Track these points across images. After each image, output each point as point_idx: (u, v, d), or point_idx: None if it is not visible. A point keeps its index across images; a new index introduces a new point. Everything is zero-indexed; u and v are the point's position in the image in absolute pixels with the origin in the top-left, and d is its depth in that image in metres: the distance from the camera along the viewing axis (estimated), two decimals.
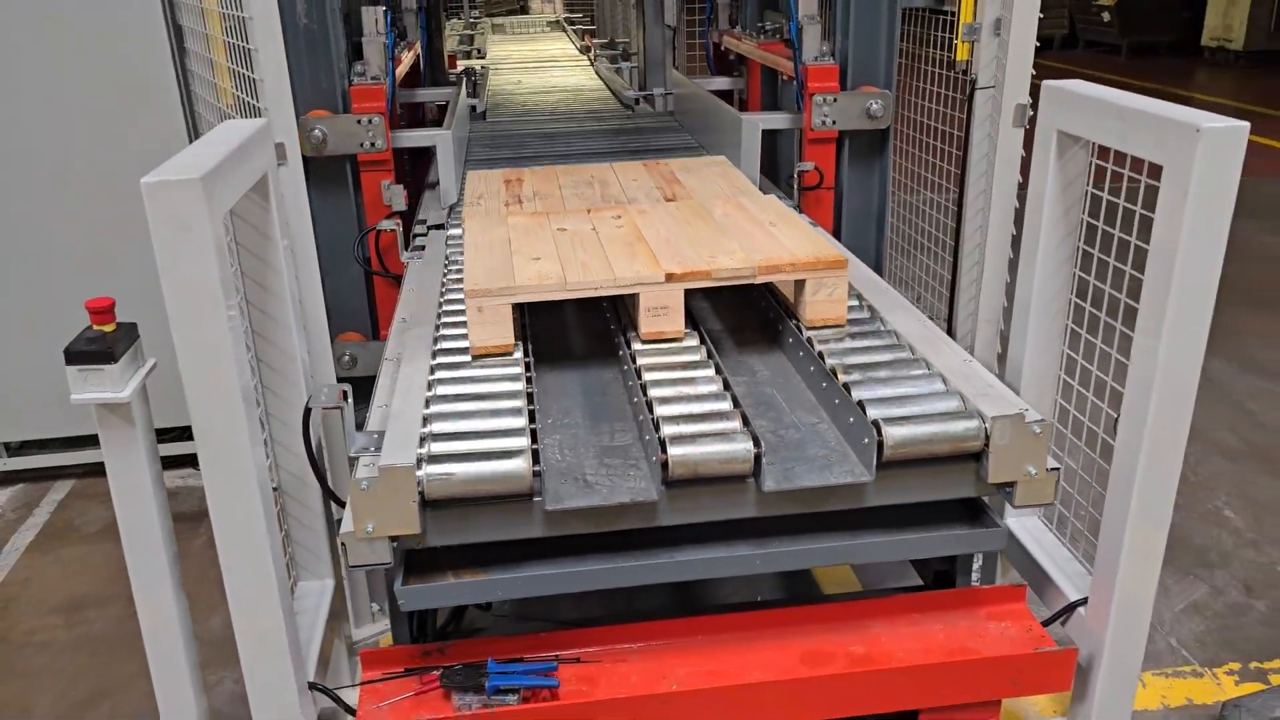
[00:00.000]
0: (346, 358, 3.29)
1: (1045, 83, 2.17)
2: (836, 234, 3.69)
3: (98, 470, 3.57)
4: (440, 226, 3.29)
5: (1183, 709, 2.33)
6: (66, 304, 3.29)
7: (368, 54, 3.54)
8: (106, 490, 3.40)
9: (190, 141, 3.18)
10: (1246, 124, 1.70)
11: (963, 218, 2.91)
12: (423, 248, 3.13)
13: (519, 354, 2.29)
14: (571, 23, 11.22)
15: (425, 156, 4.40)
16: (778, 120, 3.94)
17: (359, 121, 3.38)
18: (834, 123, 3.56)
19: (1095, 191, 2.18)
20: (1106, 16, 13.69)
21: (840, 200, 3.73)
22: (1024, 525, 2.46)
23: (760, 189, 3.45)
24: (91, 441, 3.56)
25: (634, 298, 2.31)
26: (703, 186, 3.15)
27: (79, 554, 3.12)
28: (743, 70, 5.25)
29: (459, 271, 2.82)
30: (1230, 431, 3.60)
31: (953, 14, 3.20)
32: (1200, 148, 1.68)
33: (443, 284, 2.75)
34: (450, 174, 3.51)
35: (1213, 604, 2.70)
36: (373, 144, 3.40)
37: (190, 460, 3.09)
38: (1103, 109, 1.97)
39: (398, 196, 3.47)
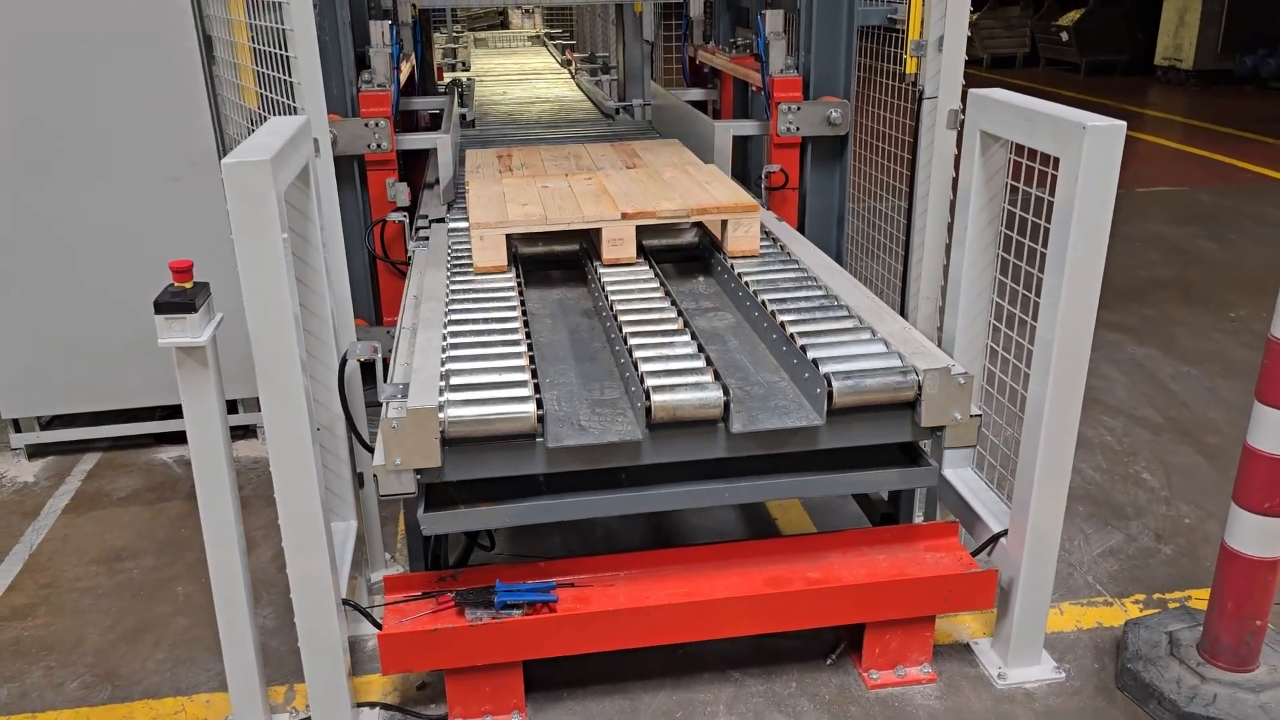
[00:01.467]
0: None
1: (971, 91, 2.54)
2: (801, 230, 4.05)
3: (122, 444, 3.89)
4: (441, 220, 3.62)
5: (1093, 630, 2.69)
6: (95, 288, 3.61)
7: (375, 63, 3.88)
8: (132, 461, 3.74)
9: (216, 134, 3.51)
10: (1123, 123, 2.07)
11: (913, 213, 3.28)
12: (427, 238, 3.46)
13: (511, 274, 2.90)
14: (552, 38, 11.58)
15: (419, 159, 4.74)
16: (748, 127, 4.32)
17: (367, 124, 3.71)
18: (798, 129, 3.93)
19: (1014, 183, 2.55)
20: (1065, 37, 14.23)
21: (804, 199, 4.10)
22: (959, 475, 2.83)
23: None
24: (116, 416, 3.88)
25: (598, 232, 3.01)
26: (657, 159, 3.82)
27: (111, 515, 3.42)
28: (716, 82, 5.62)
29: (462, 256, 3.17)
30: (1153, 409, 3.99)
31: (904, 31, 3.58)
32: (1087, 141, 2.05)
33: (448, 267, 3.09)
34: (449, 173, 3.84)
35: (1126, 549, 3.07)
36: (379, 145, 3.74)
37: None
38: (1015, 112, 2.35)
39: (401, 193, 3.81)
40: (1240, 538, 2.28)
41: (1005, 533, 2.53)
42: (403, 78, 4.49)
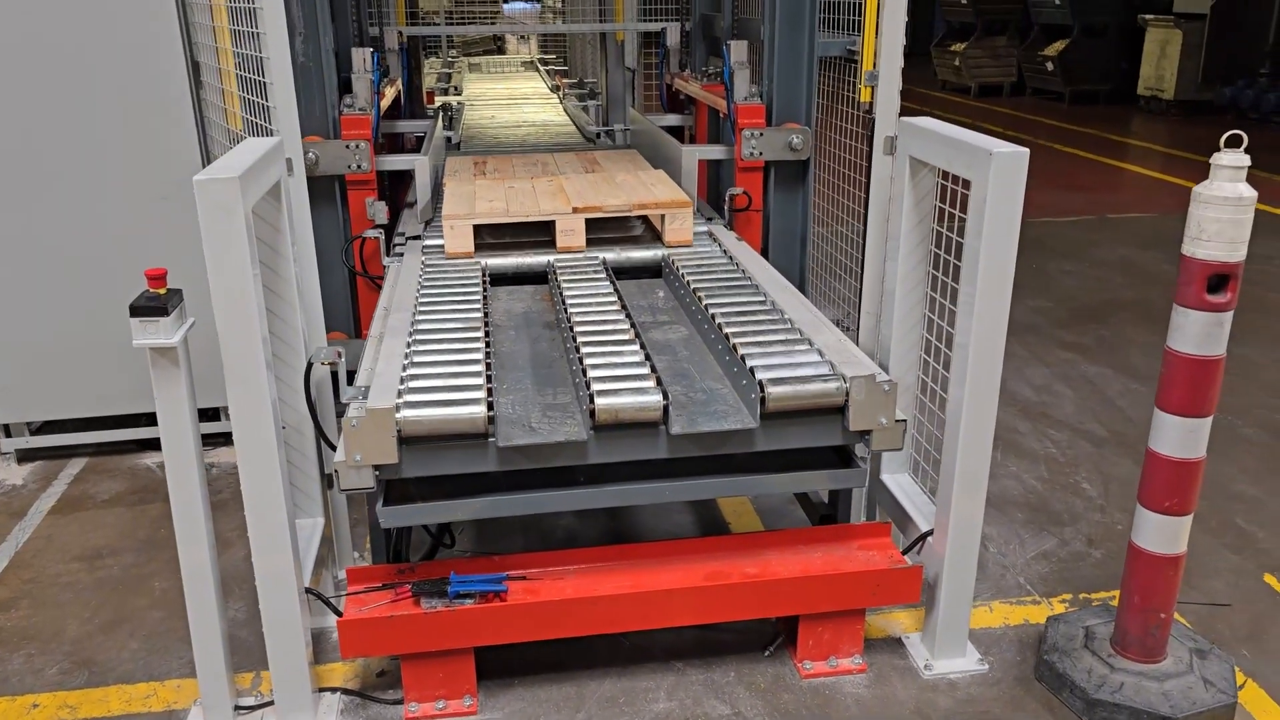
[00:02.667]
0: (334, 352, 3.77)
1: (901, 119, 2.73)
2: (765, 253, 4.22)
3: (108, 449, 4.05)
4: (417, 237, 3.79)
5: (1019, 626, 2.84)
6: (86, 297, 3.78)
7: (356, 88, 4.06)
8: (117, 466, 3.91)
9: (202, 154, 3.70)
10: (1026, 150, 2.25)
11: (868, 235, 3.46)
12: (401, 254, 3.64)
13: (478, 289, 3.12)
14: (545, 63, 11.82)
15: (404, 179, 4.92)
16: (714, 151, 4.51)
17: (347, 146, 3.89)
18: (761, 154, 4.11)
19: (940, 205, 2.72)
20: (1050, 67, 14.50)
21: (768, 221, 4.27)
22: (895, 479, 2.99)
23: (697, 210, 4.05)
24: (103, 423, 4.04)
25: (553, 224, 3.46)
26: (614, 166, 4.30)
27: (94, 517, 3.57)
28: (692, 109, 5.82)
29: (432, 271, 3.35)
30: (1099, 423, 4.16)
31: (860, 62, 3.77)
32: (992, 166, 2.23)
33: (419, 282, 3.26)
34: (427, 194, 4.02)
35: (1058, 553, 3.22)
36: (359, 166, 3.91)
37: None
38: (939, 139, 2.53)
39: (380, 212, 3.98)
40: (1144, 536, 2.43)
41: (931, 532, 2.69)
42: (386, 102, 4.68)
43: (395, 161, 4.26)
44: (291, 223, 2.64)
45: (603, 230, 3.65)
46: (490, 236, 3.64)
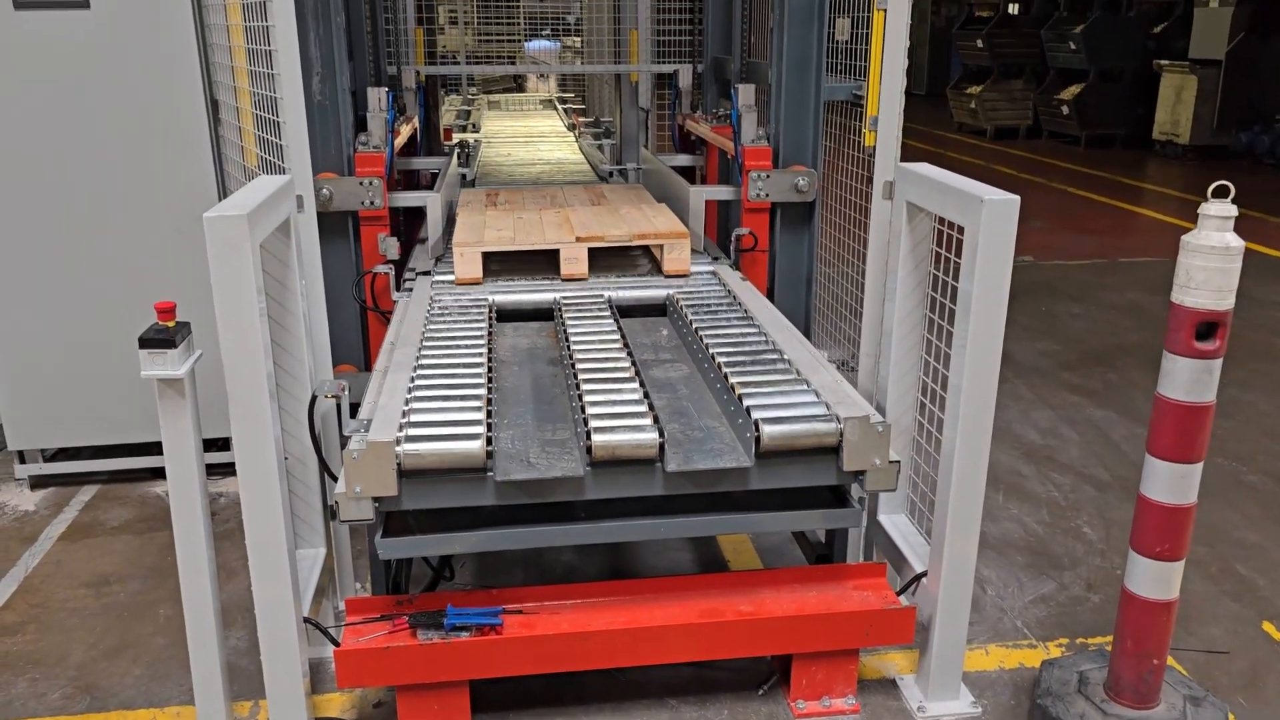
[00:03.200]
0: (341, 384, 3.83)
1: (898, 165, 2.78)
2: (770, 293, 4.27)
3: (119, 477, 4.11)
4: (427, 273, 3.85)
5: (1015, 670, 2.84)
6: (102, 328, 3.86)
7: (371, 127, 4.15)
8: (127, 494, 3.96)
9: (219, 190, 3.79)
10: (1017, 198, 2.29)
11: (867, 278, 3.50)
12: (410, 290, 3.70)
13: (484, 324, 3.18)
14: (563, 101, 11.99)
15: (417, 215, 5.01)
16: (722, 192, 4.57)
17: (361, 183, 3.97)
18: (767, 195, 4.16)
19: (936, 249, 2.76)
20: (1066, 110, 14.57)
21: (774, 262, 4.32)
22: (891, 520, 3.00)
23: (703, 249, 4.11)
24: (115, 451, 4.10)
25: (558, 252, 3.61)
26: (619, 199, 4.43)
27: (103, 544, 3.62)
28: (703, 149, 5.90)
29: (440, 307, 3.41)
30: (1103, 467, 4.16)
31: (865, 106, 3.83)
32: (984, 213, 2.27)
33: (426, 317, 3.32)
34: (438, 230, 4.10)
35: (1057, 597, 3.22)
36: (372, 202, 3.99)
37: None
38: (935, 186, 2.58)
39: (391, 247, 4.05)
40: (1137, 581, 2.44)
41: (926, 573, 2.70)
42: (401, 140, 4.77)
43: (408, 198, 4.34)
44: (301, 259, 2.71)
45: (606, 260, 3.80)
46: (499, 264, 3.77)
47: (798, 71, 3.99)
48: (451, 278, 3.65)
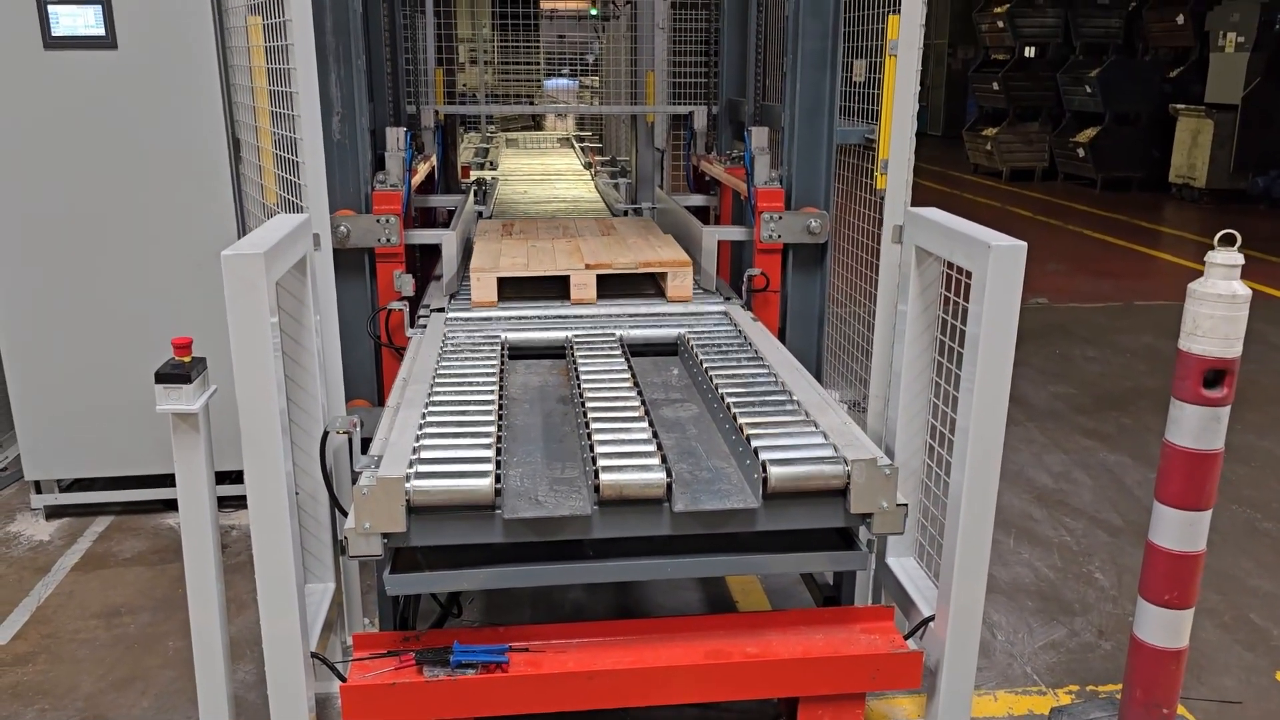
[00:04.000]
0: (355, 419, 3.85)
1: (908, 210, 2.80)
2: (782, 333, 4.28)
3: (133, 509, 4.14)
4: (441, 309, 3.89)
5: (1023, 717, 2.82)
6: (120, 360, 3.91)
7: (389, 165, 4.21)
8: (140, 525, 3.99)
9: (239, 226, 3.85)
10: (1024, 244, 2.31)
11: (876, 320, 3.52)
12: (424, 326, 3.74)
13: (495, 363, 3.21)
14: (580, 139, 12.12)
15: (435, 252, 5.07)
16: (734, 233, 4.61)
17: (378, 221, 4.02)
18: (779, 236, 4.19)
19: (946, 294, 2.78)
20: (1082, 153, 14.62)
21: (785, 302, 4.34)
22: (900, 562, 3.00)
23: (717, 290, 4.14)
24: (129, 482, 4.14)
25: (568, 278, 3.81)
26: (627, 230, 4.65)
27: (115, 575, 3.65)
28: (717, 190, 5.95)
29: (453, 344, 3.44)
30: (1115, 512, 4.14)
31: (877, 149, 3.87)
32: (991, 258, 2.29)
33: (439, 354, 3.35)
34: (453, 267, 4.15)
35: (1068, 643, 3.20)
36: (388, 240, 4.04)
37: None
38: (943, 231, 2.60)
39: (406, 284, 4.09)
40: (1146, 629, 2.43)
41: (934, 617, 2.69)
42: (418, 179, 4.84)
43: (424, 236, 4.40)
44: (316, 296, 2.75)
45: (614, 286, 3.97)
46: (513, 289, 3.92)
47: (810, 116, 4.03)
48: (466, 315, 3.69)
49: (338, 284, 3.06)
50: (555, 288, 3.86)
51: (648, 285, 4.11)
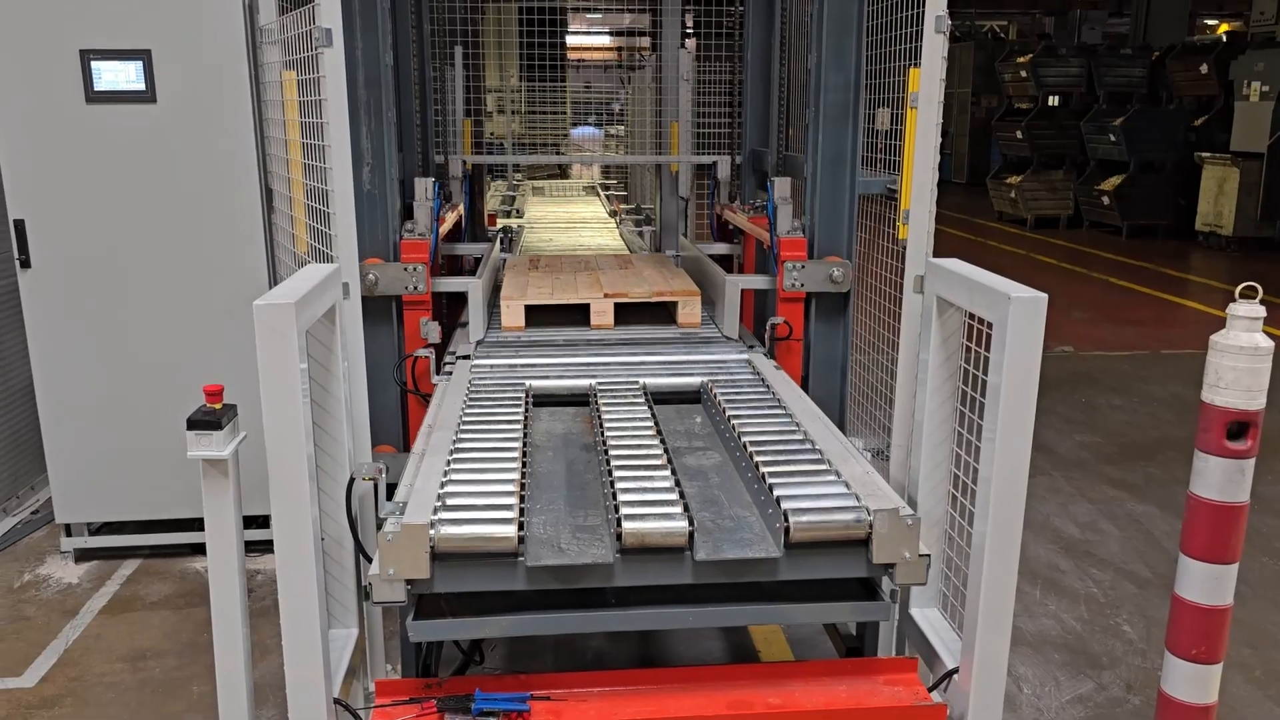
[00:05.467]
0: (380, 465, 3.88)
1: (928, 260, 2.82)
2: (805, 382, 4.30)
3: (161, 552, 4.19)
4: (467, 357, 3.93)
5: None
6: (150, 405, 3.98)
7: (417, 214, 4.29)
8: (167, 569, 4.03)
9: (269, 274, 3.93)
10: (1045, 295, 2.32)
11: (898, 370, 3.53)
12: (450, 373, 3.78)
13: (520, 411, 3.24)
14: (606, 188, 12.25)
15: (461, 300, 5.13)
16: (757, 281, 4.64)
17: (405, 269, 4.08)
18: (802, 285, 4.21)
19: (968, 344, 2.79)
20: (1107, 201, 14.62)
21: (808, 350, 4.36)
22: (923, 614, 2.98)
23: (740, 338, 4.17)
24: (157, 526, 4.19)
25: (588, 306, 4.17)
26: (644, 265, 5.04)
27: (142, 618, 3.68)
28: (740, 239, 6.00)
29: (477, 391, 3.47)
30: (1144, 564, 4.09)
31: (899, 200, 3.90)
32: (1011, 309, 2.31)
33: (464, 401, 3.38)
34: (479, 315, 4.20)
35: (1095, 697, 3.16)
36: (416, 287, 4.10)
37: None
38: (963, 282, 2.62)
39: (433, 331, 4.15)
40: (1174, 684, 2.40)
41: (957, 669, 2.67)
42: (446, 227, 4.91)
43: (451, 284, 4.46)
44: (344, 343, 2.80)
45: (631, 315, 4.31)
46: (538, 316, 4.25)
47: (832, 166, 4.08)
48: (491, 363, 3.73)
49: (365, 330, 3.11)
50: (577, 315, 4.21)
51: (661, 314, 4.44)
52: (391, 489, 2.69)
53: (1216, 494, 2.25)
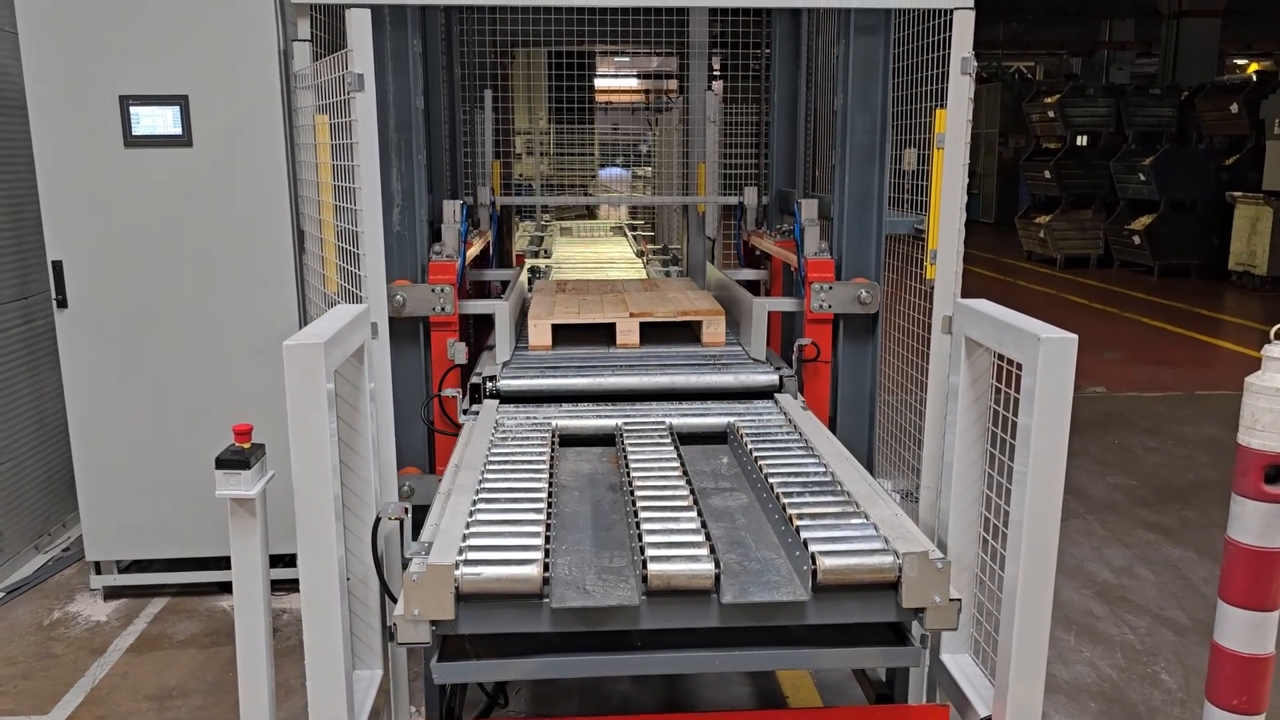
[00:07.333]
0: (406, 488, 3.87)
1: (957, 301, 2.81)
2: (833, 405, 4.23)
3: (188, 590, 4.20)
4: (493, 378, 3.88)
5: None
6: (181, 443, 4.01)
7: (445, 237, 4.28)
8: (195, 607, 4.04)
9: (300, 313, 3.97)
10: (1075, 336, 2.30)
11: (927, 411, 3.49)
12: (477, 413, 3.78)
13: (546, 450, 3.21)
14: (633, 228, 12.31)
15: (486, 323, 5.11)
16: (785, 304, 4.60)
17: (433, 290, 4.08)
18: (830, 306, 4.16)
19: (997, 385, 2.77)
20: (1138, 240, 14.51)
21: (836, 372, 4.30)
22: (954, 659, 2.92)
23: (767, 360, 4.13)
24: (186, 564, 4.21)
25: (614, 325, 4.22)
26: (668, 287, 5.17)
27: (168, 656, 3.69)
28: (767, 264, 5.97)
29: (503, 432, 3.47)
30: (1181, 610, 4.00)
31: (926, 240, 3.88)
32: (1041, 351, 2.28)
33: (491, 440, 3.38)
34: (505, 336, 4.18)
35: None
36: (443, 308, 4.08)
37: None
38: (992, 323, 2.60)
39: (459, 352, 4.12)
40: None
41: (990, 717, 2.61)
42: (473, 251, 4.90)
43: (478, 306, 4.45)
44: (372, 383, 2.81)
45: (655, 334, 4.35)
46: (565, 336, 4.30)
47: (859, 207, 4.08)
48: (516, 385, 3.74)
49: (393, 351, 3.12)
50: (603, 337, 4.25)
51: (686, 335, 4.48)
52: (418, 511, 2.69)
53: (1255, 539, 2.21)
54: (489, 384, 3.79)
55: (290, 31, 3.85)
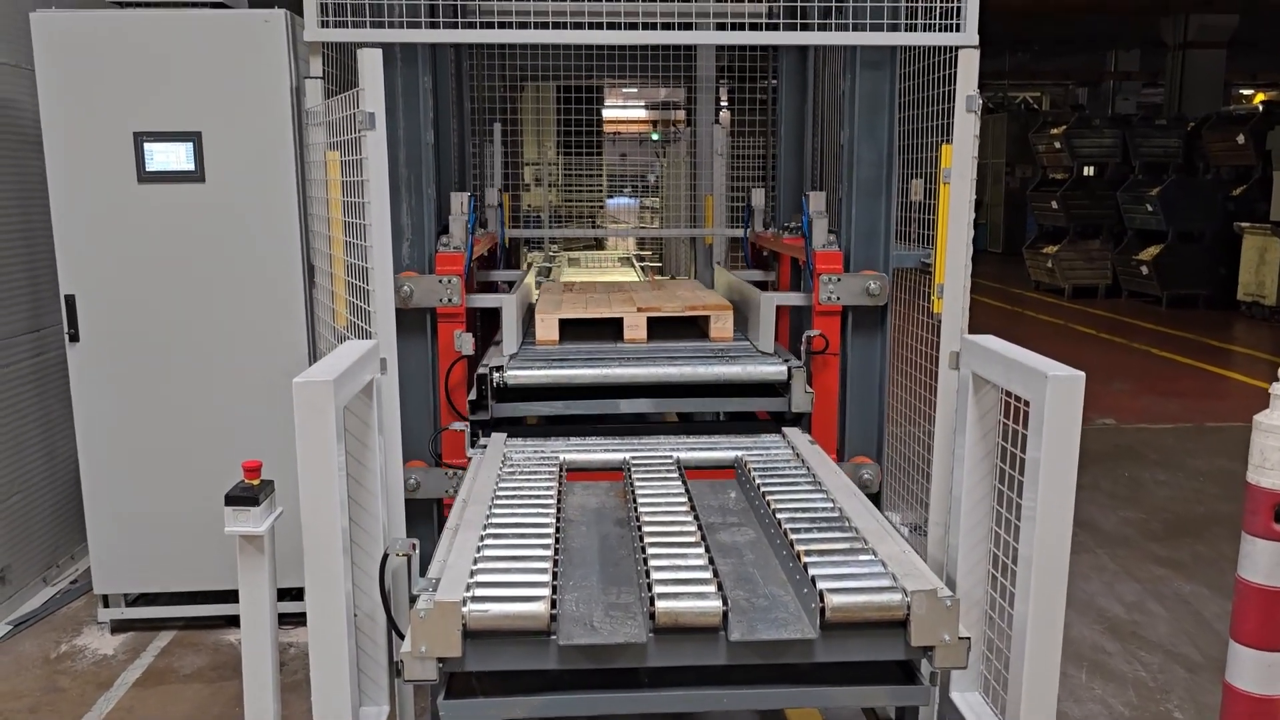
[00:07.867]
0: (412, 481, 3.85)
1: (964, 337, 2.81)
2: (842, 396, 4.19)
3: (196, 624, 4.19)
4: (500, 369, 3.79)
5: None
6: (190, 477, 4.02)
7: (453, 229, 4.25)
8: (202, 641, 4.04)
9: (309, 348, 3.99)
10: (1082, 374, 2.30)
11: (934, 447, 3.48)
12: (484, 446, 3.78)
13: (553, 485, 3.21)
14: (641, 259, 12.36)
15: (493, 319, 5.07)
16: (793, 298, 4.55)
17: (440, 281, 4.05)
18: (838, 298, 4.09)
19: (1005, 421, 2.76)
20: (1145, 270, 14.51)
21: (845, 364, 4.25)
22: (964, 698, 2.90)
23: (775, 353, 4.16)
24: (193, 598, 4.20)
25: (621, 320, 4.26)
26: (674, 285, 5.35)
27: (174, 691, 3.68)
28: (774, 264, 5.95)
29: (511, 466, 3.47)
30: (1194, 646, 3.97)
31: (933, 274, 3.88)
32: (1049, 388, 2.29)
33: (499, 474, 3.38)
34: (512, 330, 4.15)
35: None
36: (450, 299, 4.05)
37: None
38: (999, 359, 2.60)
39: (466, 343, 4.06)
40: None
41: None
42: (481, 248, 4.86)
43: (485, 300, 4.45)
44: (381, 418, 2.82)
45: (662, 330, 4.38)
46: (572, 332, 4.32)
47: (865, 241, 4.08)
48: (524, 375, 3.75)
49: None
50: (610, 333, 4.30)
51: (694, 331, 4.53)
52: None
53: (1265, 578, 2.19)
54: (495, 375, 3.76)
55: (302, 68, 3.90)
